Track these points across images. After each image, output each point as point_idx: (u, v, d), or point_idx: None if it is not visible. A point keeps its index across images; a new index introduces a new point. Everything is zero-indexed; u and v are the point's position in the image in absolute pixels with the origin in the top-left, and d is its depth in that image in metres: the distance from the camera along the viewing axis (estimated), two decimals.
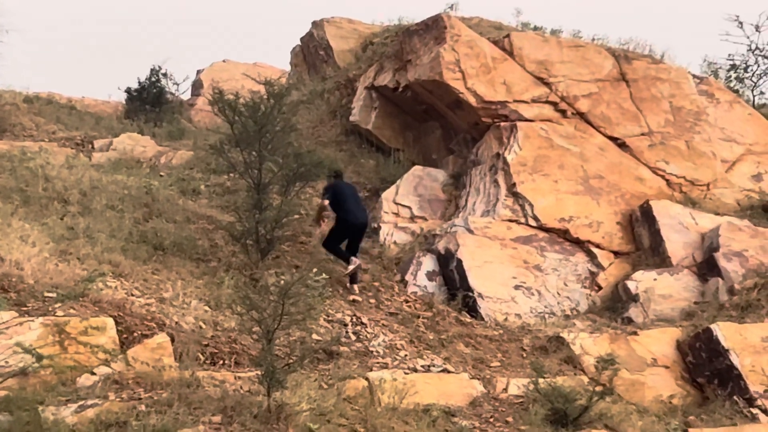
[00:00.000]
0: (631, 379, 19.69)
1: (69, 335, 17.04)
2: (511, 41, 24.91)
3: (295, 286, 16.80)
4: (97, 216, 21.77)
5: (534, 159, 23.52)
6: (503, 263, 22.16)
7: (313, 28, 31.83)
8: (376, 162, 25.48)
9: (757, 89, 29.90)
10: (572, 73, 24.84)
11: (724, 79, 29.17)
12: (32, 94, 31.81)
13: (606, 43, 26.23)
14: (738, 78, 29.93)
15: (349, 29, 31.11)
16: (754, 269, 22.21)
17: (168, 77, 33.85)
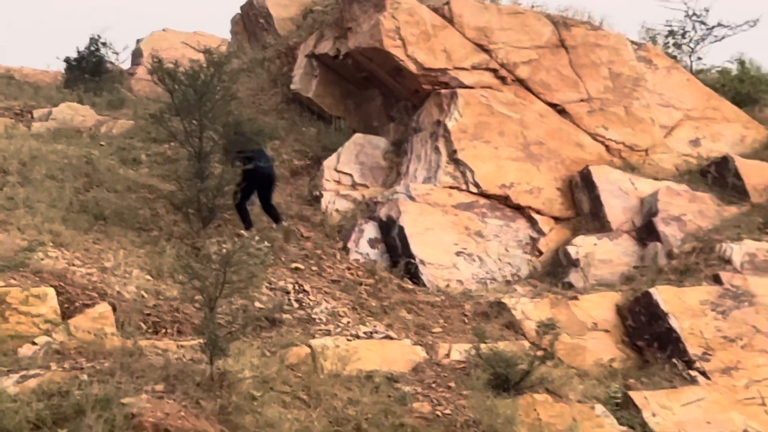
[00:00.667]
0: (571, 344, 19.82)
1: (9, 305, 17.00)
2: (450, 8, 24.94)
3: (237, 254, 16.83)
4: (37, 186, 21.66)
5: (474, 126, 23.58)
6: (445, 230, 22.23)
7: None
8: (317, 130, 25.49)
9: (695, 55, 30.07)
10: (512, 40, 24.92)
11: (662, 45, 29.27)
12: None
13: (545, 9, 26.31)
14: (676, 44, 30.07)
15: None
16: (693, 233, 22.39)
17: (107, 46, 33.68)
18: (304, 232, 22.22)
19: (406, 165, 23.63)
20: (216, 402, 15.73)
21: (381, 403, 17.23)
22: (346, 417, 16.66)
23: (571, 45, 25.32)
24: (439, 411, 17.68)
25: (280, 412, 16.05)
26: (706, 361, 19.81)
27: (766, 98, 28.00)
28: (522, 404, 17.88)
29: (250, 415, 15.69)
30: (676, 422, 18.61)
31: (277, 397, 16.40)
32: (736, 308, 20.59)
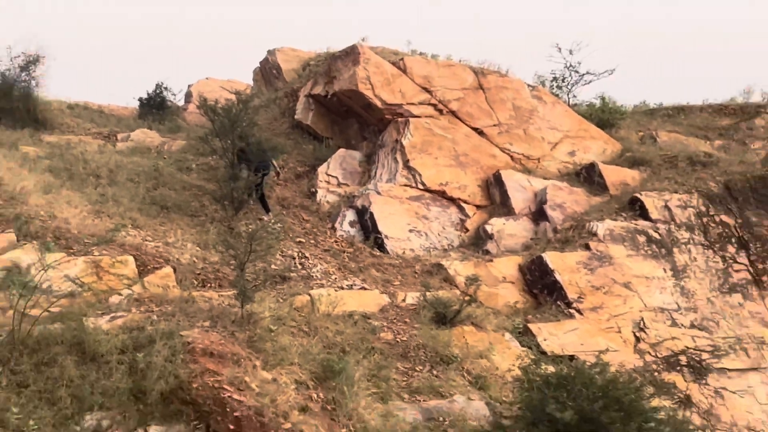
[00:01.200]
0: (488, 291, 19.84)
1: (102, 268, 16.95)
2: (404, 63, 24.87)
3: (259, 232, 16.82)
4: (120, 186, 21.63)
5: (421, 143, 23.54)
6: (401, 215, 22.20)
7: (268, 54, 31.59)
8: (313, 147, 25.39)
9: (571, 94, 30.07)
10: (446, 84, 24.84)
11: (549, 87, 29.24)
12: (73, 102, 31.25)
13: (469, 62, 26.23)
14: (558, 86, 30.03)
15: (293, 55, 30.90)
16: (570, 216, 22.46)
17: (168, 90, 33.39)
18: (305, 217, 22.18)
19: (374, 170, 23.58)
20: (245, 333, 15.71)
21: (359, 333, 17.26)
22: (335, 342, 16.67)
23: (487, 87, 25.28)
24: (399, 338, 17.69)
25: (289, 340, 16.05)
26: (580, 303, 19.88)
27: (619, 123, 28.04)
28: (455, 333, 17.95)
29: (269, 342, 15.68)
30: (560, 344, 18.70)
31: (287, 329, 16.39)
32: (600, 266, 20.65)
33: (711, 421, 18.43)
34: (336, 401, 15.15)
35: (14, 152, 21.79)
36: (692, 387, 19.10)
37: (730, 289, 21.48)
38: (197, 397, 14.33)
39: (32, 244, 17.03)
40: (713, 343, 20.16)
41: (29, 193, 19.20)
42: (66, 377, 14.54)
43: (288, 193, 23.19)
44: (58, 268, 15.73)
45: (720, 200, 22.89)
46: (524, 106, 25.46)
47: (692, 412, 18.26)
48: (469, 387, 16.84)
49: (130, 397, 14.55)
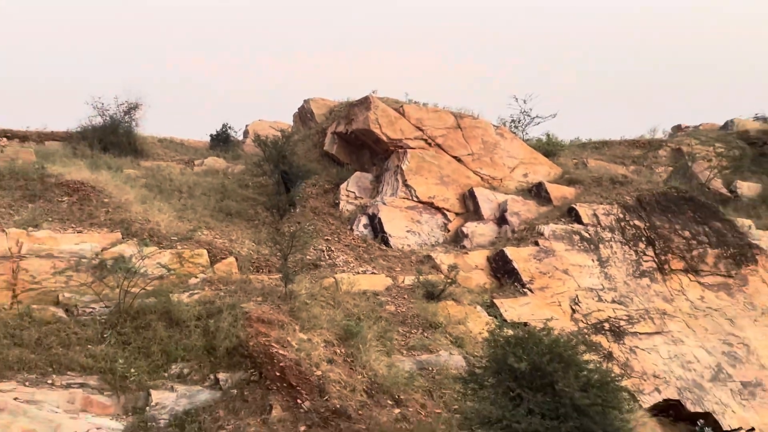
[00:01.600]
0: (465, 276, 19.77)
1: (184, 258, 17.02)
2: (403, 109, 24.77)
3: (298, 232, 16.85)
4: (196, 198, 21.64)
5: (416, 167, 23.45)
6: (401, 220, 22.10)
7: (304, 102, 31.46)
8: (337, 170, 25.26)
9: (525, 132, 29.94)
10: (434, 124, 24.73)
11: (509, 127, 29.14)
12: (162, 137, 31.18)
13: (450, 109, 26.01)
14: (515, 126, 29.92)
15: (322, 103, 30.79)
16: (524, 220, 22.34)
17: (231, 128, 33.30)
18: (331, 221, 22.11)
19: (381, 187, 23.50)
20: (288, 306, 15.76)
21: (370, 306, 17.28)
22: (353, 312, 16.69)
23: (464, 126, 25.15)
24: (399, 310, 17.70)
25: (319, 311, 16.07)
26: (531, 284, 19.82)
27: (560, 153, 27.92)
28: (441, 306, 17.95)
29: (305, 312, 15.71)
30: (517, 314, 18.63)
31: (318, 303, 16.42)
32: (546, 258, 20.57)
33: (627, 371, 18.36)
34: (354, 355, 15.20)
35: (120, 174, 21.80)
36: (613, 346, 19.04)
37: (641, 275, 21.45)
38: (253, 352, 14.39)
39: (133, 240, 17.14)
40: (628, 313, 20.11)
41: (131, 203, 19.25)
42: (157, 337, 14.64)
43: (318, 203, 23.15)
44: (151, 258, 15.87)
45: (633, 210, 22.86)
46: (490, 141, 25.39)
47: (613, 364, 18.22)
48: (450, 345, 16.87)
49: (204, 352, 14.64)
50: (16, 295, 15.47)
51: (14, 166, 20.11)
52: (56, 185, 19.10)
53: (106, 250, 16.67)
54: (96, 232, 17.37)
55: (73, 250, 16.40)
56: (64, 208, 18.30)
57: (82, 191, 18.96)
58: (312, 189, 23.73)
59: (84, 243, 16.66)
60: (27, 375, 13.41)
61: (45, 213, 17.93)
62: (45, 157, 22.01)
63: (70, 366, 13.80)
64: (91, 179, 19.76)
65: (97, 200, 18.80)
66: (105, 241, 16.99)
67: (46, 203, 18.41)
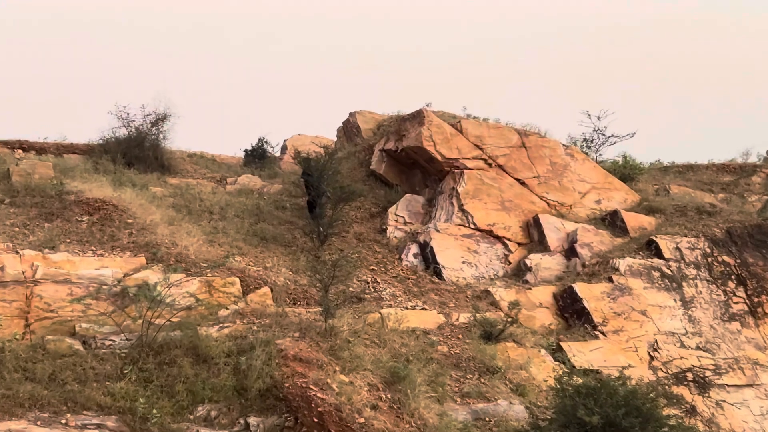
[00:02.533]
0: (527, 314, 19.64)
1: (214, 287, 17.15)
2: (461, 124, 24.84)
3: (340, 261, 16.90)
4: (229, 221, 21.83)
5: (473, 190, 23.45)
6: (456, 249, 22.08)
7: (349, 116, 31.64)
8: (384, 192, 25.34)
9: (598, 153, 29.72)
10: (495, 143, 24.73)
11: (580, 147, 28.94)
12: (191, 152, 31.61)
13: (514, 125, 25.99)
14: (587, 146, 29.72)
15: (370, 117, 30.94)
16: (596, 253, 22.17)
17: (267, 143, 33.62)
18: (377, 249, 22.15)
19: (434, 212, 23.52)
20: (328, 343, 15.78)
21: (420, 346, 17.25)
22: (400, 353, 16.66)
23: (528, 145, 25.12)
24: (452, 351, 17.65)
25: (363, 350, 16.08)
26: (604, 326, 19.63)
27: (638, 177, 27.61)
28: (499, 348, 17.87)
29: (347, 351, 15.73)
30: (587, 360, 18.47)
31: (361, 341, 16.42)
32: (621, 296, 20.36)
33: (712, 429, 18.05)
34: (401, 401, 15.13)
35: (145, 192, 22.11)
36: (697, 399, 18.74)
37: (730, 318, 21.11)
38: (288, 395, 14.42)
39: (159, 266, 17.36)
40: (715, 362, 19.78)
41: (157, 224, 19.51)
42: (183, 375, 14.75)
43: (363, 229, 23.22)
44: (178, 286, 16.02)
45: (722, 243, 22.54)
46: (559, 162, 25.29)
47: (697, 420, 17.92)
48: (510, 393, 16.73)
49: (234, 393, 14.72)
50: (29, 323, 15.75)
51: (30, 182, 20.56)
52: (75, 203, 19.47)
53: (129, 277, 16.90)
54: (118, 255, 17.64)
55: (93, 276, 16.66)
56: (83, 228, 18.63)
57: (104, 210, 19.30)
58: (357, 212, 23.81)
59: (105, 268, 16.93)
60: (39, 413, 13.60)
61: (63, 234, 18.28)
62: (64, 171, 22.42)
63: (87, 404, 13.97)
64: (114, 197, 20.09)
65: (119, 221, 19.11)
66: (128, 266, 17.24)
67: (65, 223, 18.76)
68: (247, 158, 31.84)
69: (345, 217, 22.93)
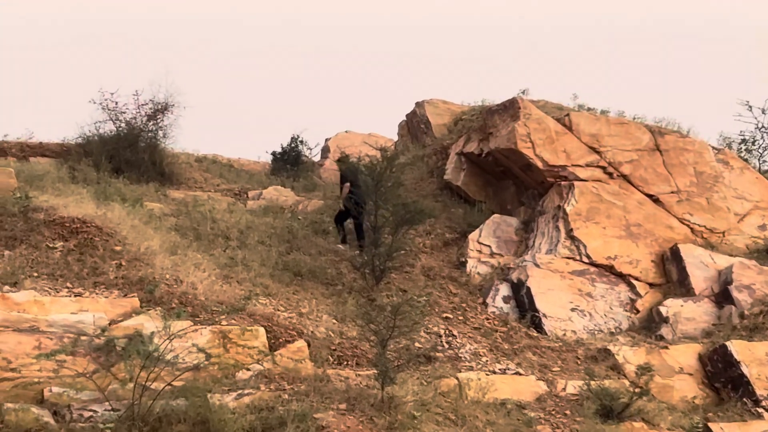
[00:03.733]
0: (662, 383, 19.50)
1: (231, 339, 17.24)
2: (570, 119, 24.85)
3: (403, 306, 16.92)
4: (251, 249, 22.02)
5: (587, 210, 23.42)
6: (562, 291, 22.06)
7: (416, 107, 31.87)
8: (464, 211, 25.44)
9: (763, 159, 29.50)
10: (617, 144, 24.71)
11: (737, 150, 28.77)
12: (201, 155, 32.09)
13: (644, 120, 26.02)
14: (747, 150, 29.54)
15: (444, 108, 31.11)
16: (760, 299, 21.99)
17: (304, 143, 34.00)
18: (453, 289, 22.19)
19: (532, 239, 23.53)
20: (386, 419, 15.77)
21: (512, 425, 17.15)
22: None
23: (665, 149, 25.03)
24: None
25: (434, 429, 16.04)
26: None
27: None
28: (623, 430, 17.70)
29: (411, 430, 15.69)
30: None
31: (432, 417, 16.39)
32: None
33: None
34: None
35: (139, 209, 22.36)
36: None
37: None
38: None
39: (156, 310, 17.47)
40: None
41: (154, 253, 19.71)
42: None
43: (434, 262, 23.26)
44: (183, 337, 16.09)
45: None
46: (707, 172, 25.11)
47: None
48: None
49: None
50: None
51: None
52: (46, 224, 19.72)
53: (116, 324, 17.04)
54: (102, 295, 17.83)
55: (68, 323, 16.81)
56: (56, 258, 18.87)
57: (84, 234, 19.53)
58: (425, 239, 23.87)
59: (84, 312, 17.06)
60: None
61: (29, 265, 18.51)
62: (30, 181, 22.78)
63: None
64: (97, 216, 20.35)
65: (104, 248, 19.34)
66: (115, 311, 17.39)
67: (31, 250, 19.00)
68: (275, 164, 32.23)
69: (409, 246, 22.99)
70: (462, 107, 30.72)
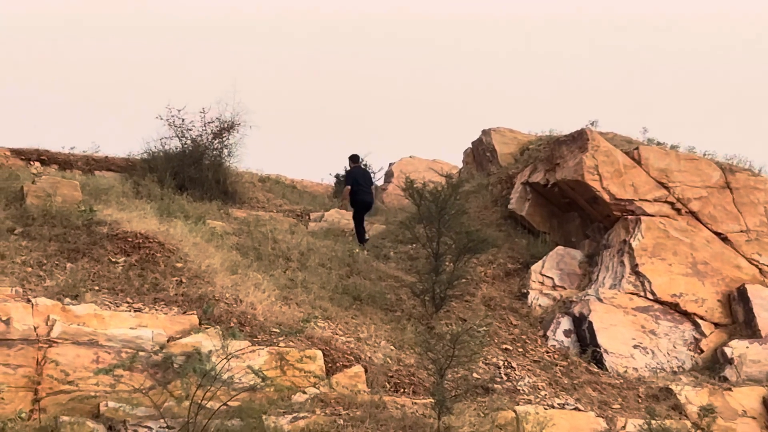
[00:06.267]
0: (725, 426, 19.28)
1: (288, 362, 17.31)
2: (639, 152, 24.74)
3: (463, 335, 16.91)
4: (311, 271, 22.11)
5: (653, 246, 23.28)
6: (625, 327, 21.92)
7: (482, 134, 31.83)
8: (527, 241, 25.36)
9: None
10: (687, 180, 24.57)
11: None
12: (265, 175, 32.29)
13: (714, 157, 25.82)
14: None
15: (510, 137, 31.05)
16: None
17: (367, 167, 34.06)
18: (513, 321, 22.14)
19: (596, 273, 23.42)
20: None
21: None
22: None
23: (735, 186, 24.85)
24: None
25: None
26: None
27: None
28: None
29: None
30: None
31: None
32: None
33: None
34: None
35: (201, 226, 22.56)
36: None
37: None
38: None
39: (215, 328, 17.57)
40: None
41: (215, 272, 19.87)
42: None
43: (495, 292, 23.22)
44: (240, 357, 16.21)
45: None
46: None
47: None
48: None
49: None
50: (40, 398, 16.06)
51: (50, 206, 21.18)
52: (109, 238, 19.99)
53: (175, 341, 17.21)
54: (162, 312, 18.00)
55: (127, 338, 17.00)
56: (118, 272, 19.10)
57: (146, 249, 19.75)
58: (487, 268, 23.83)
59: (143, 328, 17.26)
60: None
61: (90, 278, 18.76)
62: (95, 194, 23.09)
63: None
64: (160, 232, 20.58)
65: (166, 264, 19.54)
66: (174, 327, 17.56)
67: (93, 264, 19.26)
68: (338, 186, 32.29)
69: (470, 275, 22.99)
70: (529, 136, 30.66)
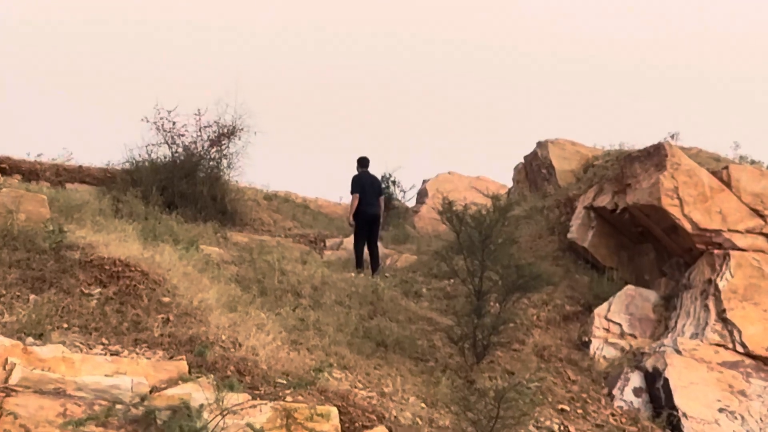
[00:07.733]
0: None
1: (296, 420, 17.25)
2: (729, 173, 24.70)
3: (510, 392, 16.88)
4: (326, 310, 22.12)
5: (745, 287, 23.22)
6: (708, 386, 21.83)
7: (537, 147, 31.92)
8: (590, 278, 25.37)
9: None
10: None
11: None
12: (271, 192, 32.43)
13: None
14: None
15: (572, 151, 31.10)
16: None
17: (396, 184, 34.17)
18: (571, 375, 22.10)
19: (674, 319, 23.37)
20: None
21: None
22: None
23: None
24: None
25: None
26: None
27: None
28: None
29: None
30: None
31: None
32: None
33: None
34: None
35: (193, 252, 22.59)
36: None
37: None
38: None
39: (208, 377, 17.58)
40: None
41: (209, 308, 19.85)
42: None
43: (550, 339, 23.19)
44: (238, 413, 16.20)
45: None
46: None
47: None
48: None
49: None
50: None
51: (10, 225, 21.15)
52: (81, 265, 20.02)
53: (159, 392, 17.18)
54: (144, 356, 18.02)
55: (101, 387, 16.99)
56: (91, 307, 19.12)
57: (126, 280, 19.77)
58: (540, 310, 23.81)
59: (121, 375, 17.24)
60: None
61: (58, 314, 18.76)
62: (65, 211, 23.12)
63: None
64: (144, 259, 20.61)
65: (150, 298, 19.56)
66: (158, 375, 17.55)
67: (62, 296, 19.29)
68: None
69: (520, 318, 22.96)
70: (594, 150, 30.70)
